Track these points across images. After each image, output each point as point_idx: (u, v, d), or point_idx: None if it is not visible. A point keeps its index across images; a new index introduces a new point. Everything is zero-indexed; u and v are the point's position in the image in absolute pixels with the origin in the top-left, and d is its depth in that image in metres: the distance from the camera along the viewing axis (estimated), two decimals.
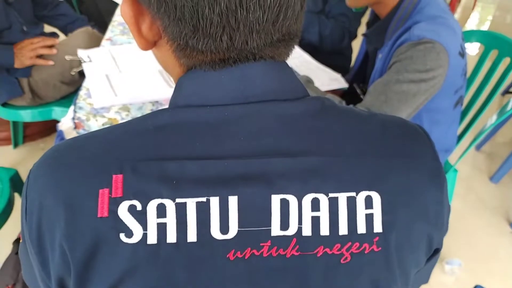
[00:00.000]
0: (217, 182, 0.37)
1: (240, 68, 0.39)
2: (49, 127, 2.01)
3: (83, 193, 0.36)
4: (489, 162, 2.22)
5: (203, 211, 0.36)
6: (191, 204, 0.36)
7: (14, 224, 1.13)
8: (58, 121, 1.59)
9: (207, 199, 0.36)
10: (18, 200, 1.25)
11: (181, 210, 0.36)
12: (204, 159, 0.37)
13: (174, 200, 0.36)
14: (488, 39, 1.52)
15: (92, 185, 0.36)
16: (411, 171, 0.41)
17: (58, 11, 1.75)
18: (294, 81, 0.43)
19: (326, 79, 1.27)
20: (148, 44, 0.41)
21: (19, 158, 1.93)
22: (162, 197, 0.36)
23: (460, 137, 1.44)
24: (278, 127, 0.39)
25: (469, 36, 1.55)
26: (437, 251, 0.46)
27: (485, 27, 4.70)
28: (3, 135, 1.96)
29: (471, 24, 4.62)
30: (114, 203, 0.36)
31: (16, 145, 1.97)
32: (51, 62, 1.51)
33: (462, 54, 1.06)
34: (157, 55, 0.44)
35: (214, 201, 0.36)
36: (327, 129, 0.40)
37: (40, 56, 1.50)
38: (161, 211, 0.36)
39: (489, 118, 1.40)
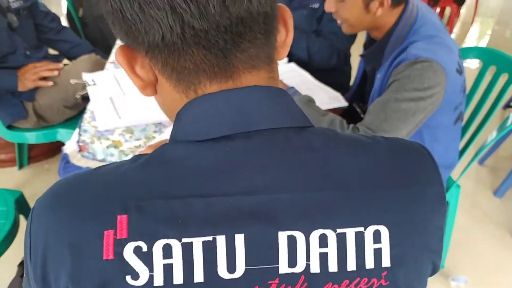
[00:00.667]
0: (223, 220, 0.36)
1: (236, 93, 0.39)
2: (54, 148, 2.04)
3: (88, 235, 0.36)
4: (492, 176, 2.22)
5: (209, 251, 0.36)
6: (197, 243, 0.36)
7: (19, 246, 1.14)
8: (62, 143, 1.62)
9: (213, 238, 0.36)
10: (23, 223, 1.26)
11: (187, 250, 0.36)
12: (209, 196, 0.37)
13: (180, 240, 0.36)
14: (487, 56, 1.53)
15: (96, 226, 0.36)
16: (418, 201, 0.41)
17: (61, 36, 1.78)
18: (294, 110, 0.42)
19: (326, 98, 1.29)
20: (145, 84, 0.43)
21: (24, 180, 1.95)
22: (168, 237, 0.36)
23: (462, 152, 1.44)
24: (282, 161, 0.39)
25: (468, 52, 1.57)
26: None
27: (484, 42, 4.75)
28: (8, 156, 1.99)
29: (471, 39, 4.67)
30: (120, 245, 0.35)
31: (21, 166, 1.99)
32: (50, 83, 1.54)
33: (460, 71, 1.08)
34: (159, 100, 0.45)
35: (221, 240, 0.36)
36: (332, 162, 0.40)
37: (43, 79, 1.54)
38: (167, 251, 0.35)
39: (491, 132, 1.41)
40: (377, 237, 0.39)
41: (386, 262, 0.39)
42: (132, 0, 0.36)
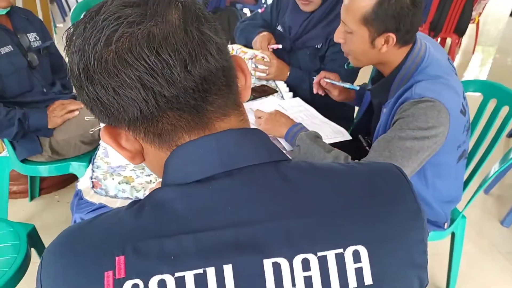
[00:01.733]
0: (211, 253, 0.40)
1: (213, 138, 0.44)
2: (65, 179, 2.08)
3: (90, 277, 0.40)
4: (498, 205, 2.21)
5: (201, 283, 0.39)
6: (189, 276, 0.39)
7: (31, 279, 1.16)
8: (73, 174, 1.66)
9: (203, 270, 0.39)
10: (34, 256, 1.28)
11: (180, 284, 0.39)
12: (197, 232, 0.41)
13: (173, 275, 0.39)
14: (487, 89, 1.56)
15: (97, 268, 0.40)
16: (393, 218, 0.45)
17: None
18: (268, 146, 0.47)
19: (331, 132, 1.32)
20: (132, 155, 0.48)
21: (35, 211, 1.98)
22: (162, 273, 0.39)
23: (466, 182, 1.46)
24: (262, 194, 0.43)
25: (468, 85, 1.60)
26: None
27: (486, 70, 4.81)
28: (20, 188, 2.03)
29: (472, 68, 4.73)
30: (119, 284, 0.39)
31: (32, 198, 2.03)
32: (76, 113, 1.61)
33: (464, 112, 1.11)
34: (148, 164, 0.50)
35: (211, 272, 0.39)
36: (307, 190, 0.44)
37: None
38: (162, 286, 0.39)
39: (495, 161, 1.42)
40: (356, 257, 0.42)
41: (368, 280, 0.42)
42: (106, 86, 0.41)
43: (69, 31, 0.45)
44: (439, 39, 3.99)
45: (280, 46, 1.71)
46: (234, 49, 1.75)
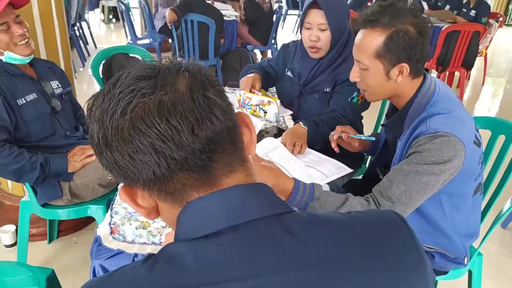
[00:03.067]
0: None
1: (220, 195, 0.48)
2: (82, 221, 2.12)
3: None
4: None
5: None
6: None
7: None
8: (91, 216, 1.70)
9: None
10: None
11: None
12: (206, 285, 0.44)
13: None
14: (495, 125, 1.58)
15: None
16: (396, 267, 0.47)
17: None
18: (272, 199, 0.51)
19: (333, 168, 1.34)
20: (148, 211, 0.53)
21: (53, 253, 2.02)
22: None
23: (482, 217, 1.44)
24: (266, 247, 0.46)
25: (476, 122, 1.60)
26: None
27: (497, 101, 4.80)
28: (39, 230, 2.08)
29: (483, 99, 4.74)
30: None
31: (50, 240, 2.07)
32: (94, 157, 1.67)
33: (478, 143, 1.13)
34: (164, 217, 0.55)
35: None
36: (309, 242, 0.47)
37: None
38: None
39: (509, 195, 1.41)
40: None
41: None
42: (122, 153, 0.46)
43: (89, 102, 0.50)
44: (447, 73, 4.04)
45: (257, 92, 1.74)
46: (241, 95, 1.81)
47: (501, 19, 4.91)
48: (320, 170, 1.30)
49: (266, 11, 4.51)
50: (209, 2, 4.47)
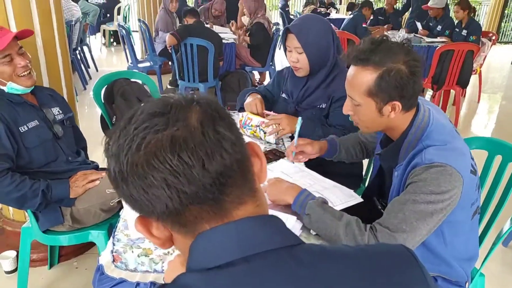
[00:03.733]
0: None
1: (231, 226, 0.49)
2: (83, 246, 2.12)
3: None
4: None
5: None
6: None
7: None
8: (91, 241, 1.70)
9: None
10: None
11: None
12: None
13: None
14: (492, 146, 1.60)
15: None
16: None
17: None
18: (283, 231, 0.52)
19: (342, 196, 1.33)
20: (162, 241, 0.55)
21: (54, 279, 2.01)
22: None
23: (482, 237, 1.45)
24: (277, 278, 0.47)
25: (472, 142, 1.63)
26: None
27: (493, 117, 4.84)
28: (40, 256, 2.07)
29: (480, 116, 4.78)
30: None
31: (51, 265, 2.06)
32: (97, 182, 1.68)
33: (474, 172, 1.14)
34: (177, 247, 0.57)
35: None
36: (320, 273, 0.48)
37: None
38: None
39: (508, 215, 1.42)
40: None
41: None
42: (137, 187, 0.48)
43: (106, 138, 0.53)
44: (442, 91, 4.09)
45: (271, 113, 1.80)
46: (243, 116, 1.84)
47: (493, 37, 5.00)
48: (329, 198, 1.28)
49: (270, 36, 4.59)
50: (208, 26, 4.56)
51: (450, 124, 1.20)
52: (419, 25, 5.34)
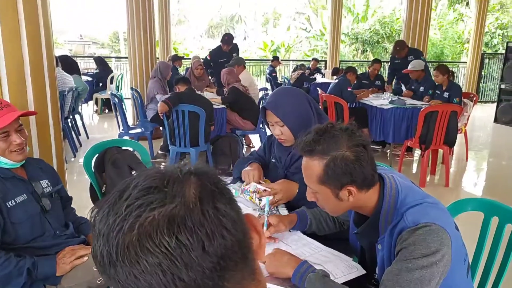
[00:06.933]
0: None
1: None
2: None
3: None
4: None
5: None
6: None
7: None
8: None
9: None
10: None
11: None
12: None
13: None
14: (487, 207, 1.58)
15: None
16: None
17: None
18: None
19: (344, 268, 1.28)
20: None
21: None
22: None
23: None
24: None
25: (466, 205, 1.63)
26: None
27: (482, 175, 4.91)
28: None
29: (469, 173, 4.84)
30: None
31: None
32: (86, 258, 1.60)
33: (457, 227, 1.13)
34: None
35: None
36: None
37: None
38: None
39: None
40: None
41: None
42: (127, 272, 0.43)
43: (92, 213, 0.48)
44: (431, 151, 4.17)
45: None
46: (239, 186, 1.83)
47: (474, 98, 5.22)
48: (330, 270, 1.23)
49: (248, 96, 4.78)
50: (199, 92, 4.71)
51: (416, 186, 1.20)
52: (403, 87, 5.56)
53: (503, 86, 7.31)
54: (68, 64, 5.69)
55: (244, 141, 5.38)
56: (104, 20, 25.62)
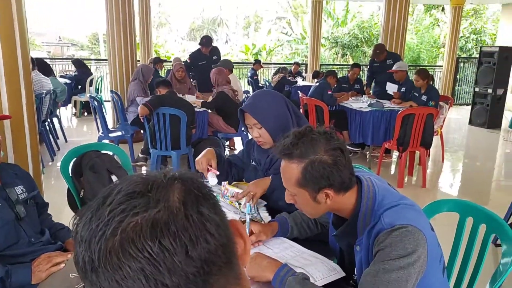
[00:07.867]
0: None
1: None
2: None
3: None
4: None
5: None
6: None
7: None
8: None
9: None
10: None
11: None
12: None
13: None
14: (462, 208, 1.62)
15: None
16: None
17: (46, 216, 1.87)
18: None
19: (324, 270, 1.29)
20: None
21: None
22: None
23: None
24: None
25: (442, 206, 1.67)
26: None
27: (458, 175, 5.04)
28: None
29: (445, 174, 4.97)
30: None
31: None
32: (62, 265, 1.56)
33: (432, 228, 1.15)
34: None
35: None
36: None
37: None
38: None
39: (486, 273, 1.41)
40: None
41: None
42: (109, 278, 0.43)
43: (75, 219, 0.47)
44: (408, 153, 4.26)
45: (217, 172, 1.82)
46: (223, 185, 1.83)
47: (450, 101, 5.36)
48: (311, 273, 1.24)
49: (235, 102, 4.75)
50: (180, 95, 4.67)
51: (392, 188, 1.22)
52: (391, 86, 5.42)
53: (477, 89, 7.53)
54: (42, 66, 5.57)
55: (228, 144, 5.38)
56: (83, 21, 25.23)
